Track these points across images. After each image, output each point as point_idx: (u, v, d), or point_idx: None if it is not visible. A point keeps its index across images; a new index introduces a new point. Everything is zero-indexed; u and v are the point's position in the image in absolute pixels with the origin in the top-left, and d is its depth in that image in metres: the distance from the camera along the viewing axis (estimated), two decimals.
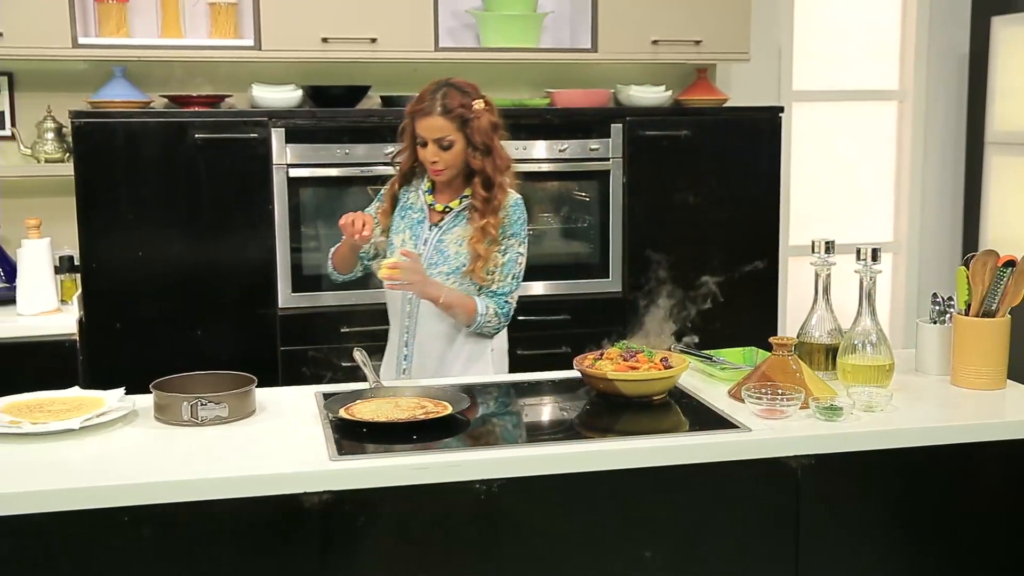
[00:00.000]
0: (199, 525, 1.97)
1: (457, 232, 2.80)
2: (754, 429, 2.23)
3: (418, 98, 2.77)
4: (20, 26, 3.49)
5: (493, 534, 2.10)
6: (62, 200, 3.62)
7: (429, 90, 2.77)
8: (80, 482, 1.94)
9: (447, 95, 2.74)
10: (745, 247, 4.01)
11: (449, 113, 2.72)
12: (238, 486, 1.97)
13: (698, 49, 4.08)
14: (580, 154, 3.86)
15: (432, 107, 2.72)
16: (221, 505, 1.96)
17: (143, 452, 2.12)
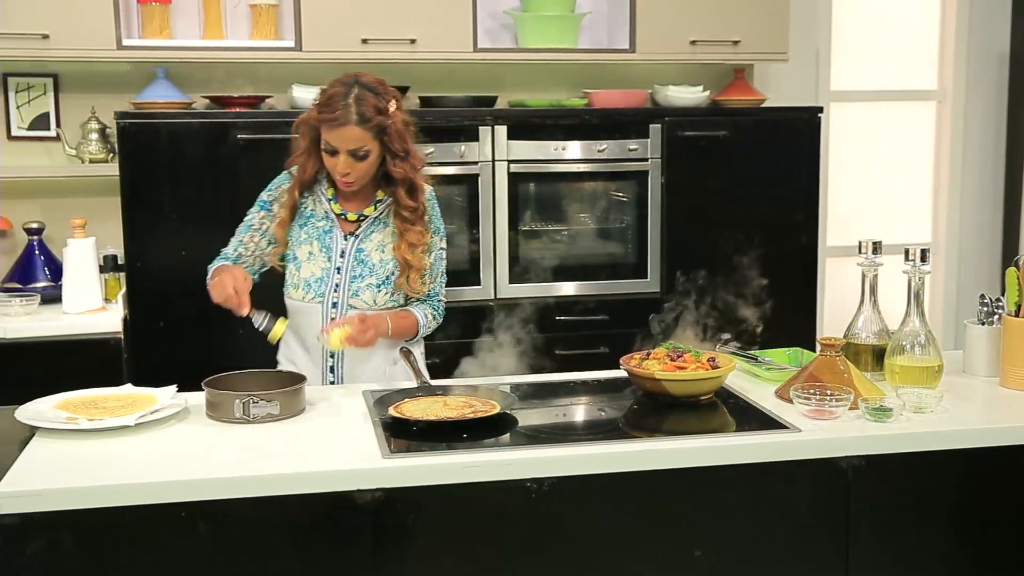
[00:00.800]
0: (254, 521, 1.99)
1: (376, 239, 2.67)
2: (804, 429, 2.23)
3: (325, 102, 2.52)
4: (65, 28, 3.53)
5: (543, 532, 2.11)
6: (106, 200, 3.66)
7: (337, 93, 2.52)
8: (138, 478, 1.96)
9: (361, 100, 2.50)
10: (784, 247, 4.00)
11: (367, 123, 2.50)
12: (293, 483, 1.99)
13: (736, 49, 4.08)
14: (618, 154, 3.87)
15: (347, 116, 2.49)
16: (276, 502, 1.98)
17: (197, 449, 2.14)
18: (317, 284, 2.64)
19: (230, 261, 2.70)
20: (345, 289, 2.64)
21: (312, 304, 2.65)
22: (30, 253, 3.74)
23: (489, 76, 4.13)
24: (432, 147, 3.69)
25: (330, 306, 2.64)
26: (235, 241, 2.73)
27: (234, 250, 2.72)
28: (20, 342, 3.35)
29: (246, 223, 2.73)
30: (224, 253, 2.74)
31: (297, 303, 2.68)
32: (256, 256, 2.72)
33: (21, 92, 3.83)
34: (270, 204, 2.71)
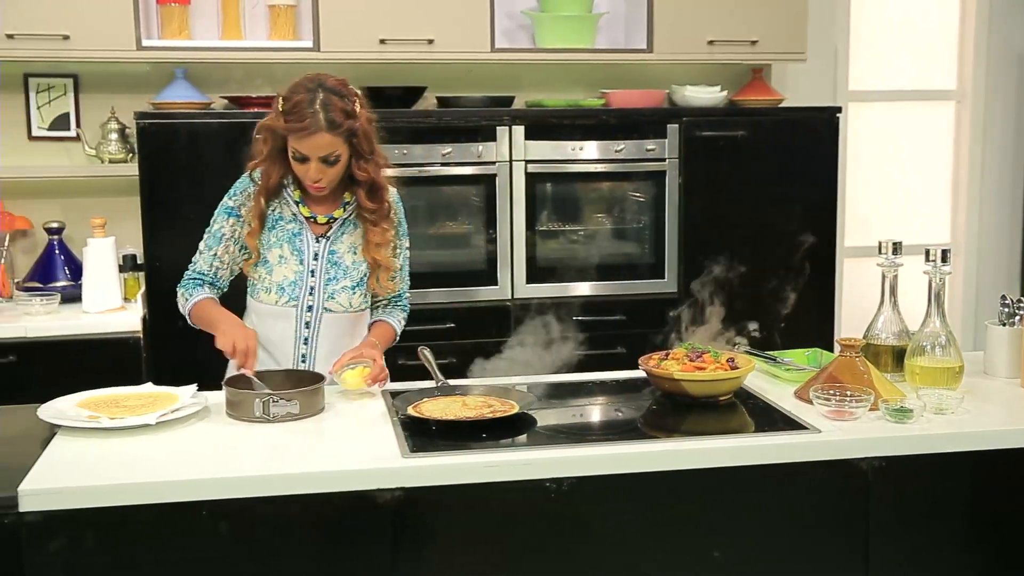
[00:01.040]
0: (274, 520, 1.99)
1: (347, 241, 2.62)
2: (823, 430, 2.22)
3: (291, 110, 2.43)
4: (86, 29, 3.55)
5: (562, 533, 2.11)
6: (126, 200, 3.68)
7: (303, 100, 2.43)
8: (160, 476, 1.98)
9: (328, 106, 2.43)
10: (802, 248, 3.98)
11: (337, 128, 2.43)
12: (313, 482, 1.99)
13: (754, 49, 4.07)
14: (636, 155, 3.86)
15: (316, 123, 2.41)
16: (296, 501, 1.98)
17: (218, 448, 2.15)
18: (291, 288, 2.59)
19: (207, 280, 2.62)
20: (320, 292, 2.60)
21: (286, 308, 2.59)
22: (50, 253, 3.76)
23: (506, 76, 4.14)
24: (450, 147, 3.70)
25: (305, 310, 2.60)
26: (207, 256, 2.62)
27: (209, 266, 2.62)
28: (41, 341, 3.38)
29: (215, 234, 2.61)
30: (197, 271, 2.63)
31: (269, 307, 2.60)
32: (230, 267, 2.64)
33: (42, 92, 3.85)
34: (237, 210, 2.60)
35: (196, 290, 2.62)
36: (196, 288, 2.62)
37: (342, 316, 2.63)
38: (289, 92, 2.49)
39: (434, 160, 3.70)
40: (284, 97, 2.48)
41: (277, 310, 2.60)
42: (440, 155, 3.70)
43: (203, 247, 2.64)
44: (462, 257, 3.84)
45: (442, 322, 3.74)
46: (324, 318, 2.61)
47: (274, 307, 2.60)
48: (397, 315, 2.76)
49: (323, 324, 2.62)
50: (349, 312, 2.64)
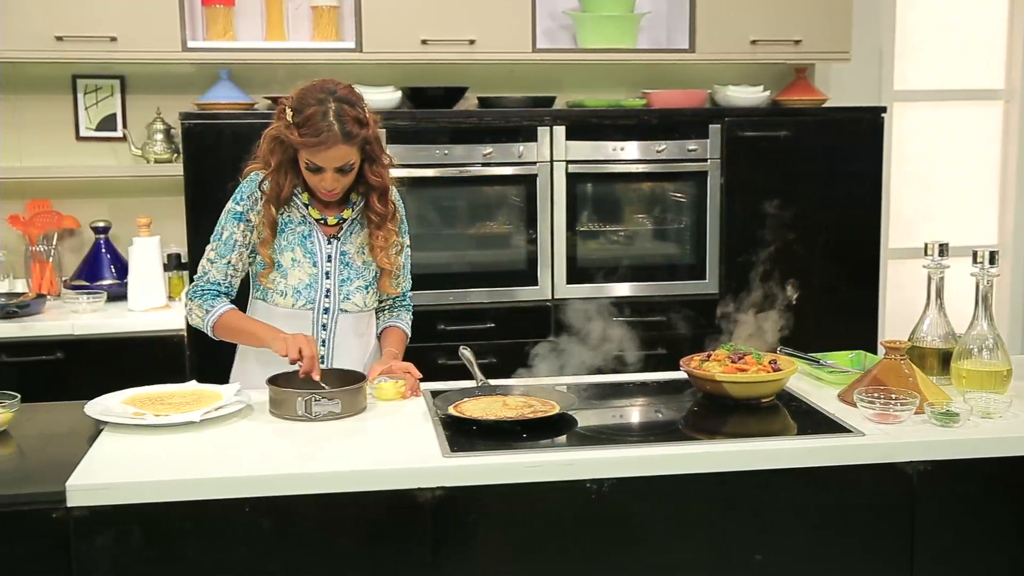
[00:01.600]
0: (316, 518, 2.01)
1: (356, 241, 2.61)
2: (867, 434, 2.20)
3: (304, 123, 2.40)
4: (132, 31, 3.60)
5: (603, 533, 2.10)
6: (171, 199, 3.72)
7: (316, 113, 2.40)
8: (204, 473, 2.00)
9: (342, 116, 2.40)
10: (845, 249, 3.96)
11: (353, 139, 2.42)
12: (355, 480, 2.00)
13: (797, 49, 4.03)
14: (677, 155, 3.84)
15: (332, 137, 2.39)
16: (338, 499, 2.00)
17: (261, 445, 2.17)
18: (307, 291, 2.57)
19: (222, 291, 2.57)
20: (336, 293, 2.59)
21: (303, 311, 2.57)
22: (97, 251, 3.82)
23: (547, 76, 4.14)
24: (490, 147, 3.71)
25: (321, 312, 2.59)
26: (221, 265, 2.56)
27: (224, 275, 2.57)
28: (87, 338, 3.43)
29: (226, 242, 2.56)
30: (211, 281, 2.57)
31: (285, 310, 2.57)
32: (241, 273, 2.61)
33: (89, 93, 3.91)
34: (246, 215, 2.55)
35: (215, 301, 2.56)
36: (215, 299, 2.57)
37: (356, 315, 2.63)
38: (298, 103, 2.44)
39: (475, 160, 3.71)
40: (294, 109, 2.43)
41: (294, 313, 2.57)
42: (481, 155, 3.71)
43: (214, 256, 2.57)
44: (502, 257, 3.84)
45: (482, 322, 3.74)
46: (340, 319, 2.61)
47: (290, 310, 2.57)
48: (404, 317, 2.76)
49: (339, 324, 2.61)
50: (363, 311, 2.65)
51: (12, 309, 3.43)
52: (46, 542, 1.91)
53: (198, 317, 2.58)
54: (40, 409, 2.42)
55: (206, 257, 2.60)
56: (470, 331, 3.68)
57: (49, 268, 3.81)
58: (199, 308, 2.58)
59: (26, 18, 3.53)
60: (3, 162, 3.86)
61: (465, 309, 3.75)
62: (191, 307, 2.60)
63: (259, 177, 2.57)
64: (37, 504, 1.91)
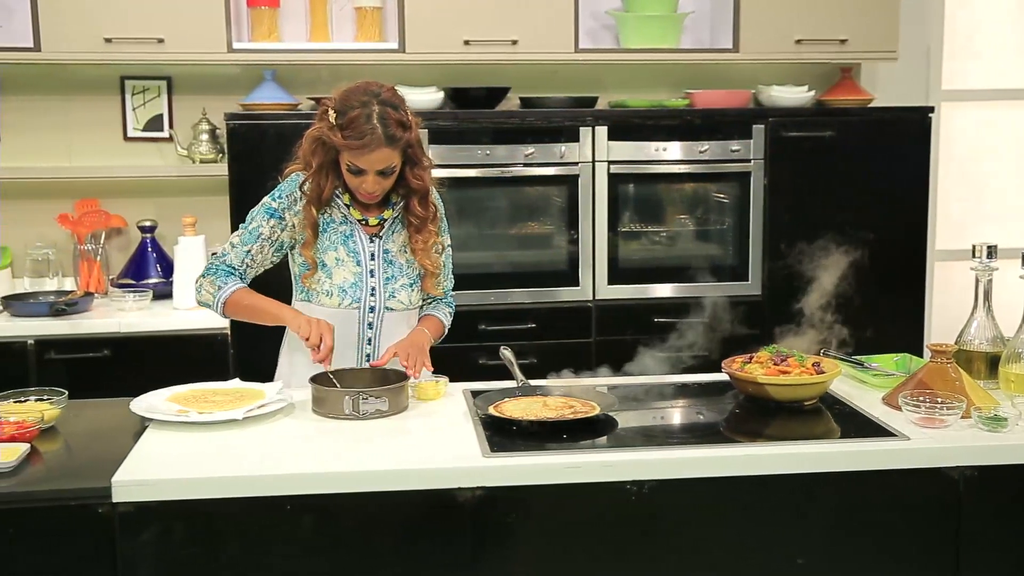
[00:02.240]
0: (357, 516, 2.02)
1: (398, 240, 2.61)
2: (912, 438, 2.17)
3: (348, 125, 2.40)
4: (179, 32, 3.64)
5: (642, 535, 2.10)
6: (215, 199, 3.76)
7: (359, 116, 2.39)
8: (246, 471, 2.02)
9: (385, 120, 2.40)
10: (891, 251, 3.91)
11: (396, 142, 2.42)
12: (396, 479, 2.01)
13: (843, 48, 3.99)
14: (720, 155, 3.82)
15: (376, 140, 2.39)
16: (378, 497, 2.01)
17: (303, 443, 2.19)
18: (352, 290, 2.57)
19: (236, 273, 2.57)
20: (381, 292, 2.58)
21: (349, 310, 2.57)
22: (143, 250, 3.87)
23: (590, 77, 4.13)
24: (532, 147, 3.70)
25: (367, 311, 2.58)
26: (240, 251, 2.57)
27: (240, 261, 2.57)
28: (133, 336, 3.48)
29: (252, 232, 2.56)
30: (226, 262, 2.58)
31: (331, 310, 2.55)
32: (258, 267, 2.61)
33: (137, 94, 3.96)
34: (280, 212, 2.56)
35: (228, 279, 2.56)
36: (228, 277, 2.56)
37: (402, 313, 2.63)
38: (341, 105, 2.43)
39: (517, 161, 3.71)
40: (337, 111, 2.43)
41: (340, 312, 2.56)
42: (523, 156, 3.71)
43: (236, 241, 2.58)
44: (544, 258, 3.84)
45: (523, 322, 3.75)
46: (386, 317, 2.60)
47: (336, 310, 2.56)
48: (443, 310, 2.75)
49: (385, 323, 2.60)
50: (409, 309, 2.64)
51: (61, 307, 3.49)
52: (92, 537, 1.94)
53: (208, 293, 2.56)
54: (87, 406, 2.46)
55: (229, 241, 2.62)
56: (511, 331, 3.69)
57: (97, 267, 3.87)
58: (211, 284, 2.56)
59: (75, 20, 3.59)
60: (53, 162, 3.92)
61: (506, 309, 3.75)
62: (201, 283, 2.58)
63: (299, 178, 2.58)
64: (83, 499, 1.94)
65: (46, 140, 3.93)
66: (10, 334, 3.43)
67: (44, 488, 1.98)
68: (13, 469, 2.01)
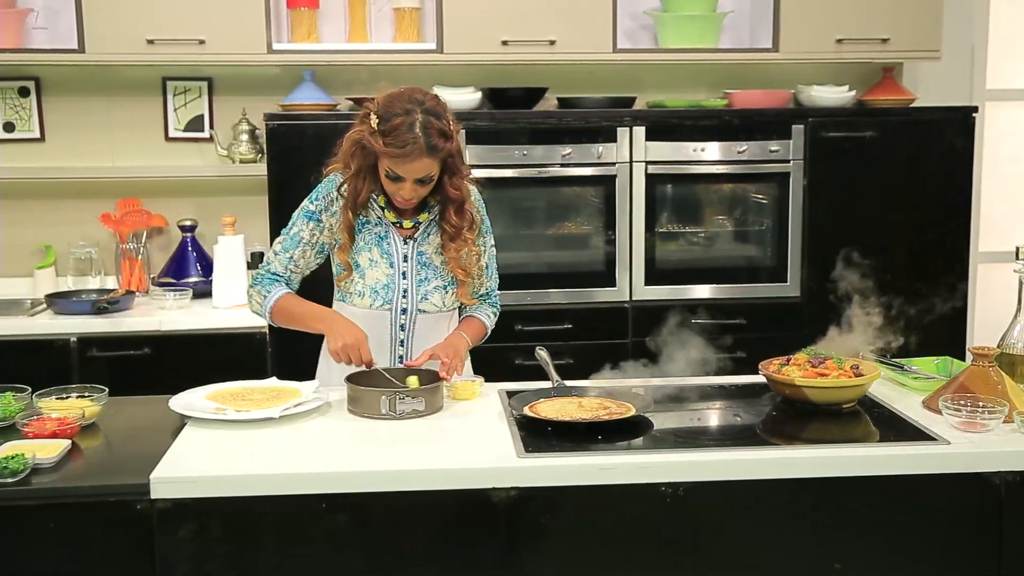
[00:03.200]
0: (391, 515, 2.03)
1: (433, 242, 2.60)
2: (953, 442, 2.14)
3: (391, 132, 2.38)
4: (220, 34, 3.68)
5: (676, 538, 2.09)
6: (254, 199, 3.79)
7: (402, 124, 2.38)
8: (282, 469, 2.03)
9: (428, 129, 2.38)
10: (933, 253, 3.86)
11: (437, 152, 2.41)
12: (430, 479, 2.02)
13: (885, 47, 3.95)
14: (759, 156, 3.79)
15: (417, 149, 2.38)
16: (412, 497, 2.02)
17: (339, 442, 2.20)
18: (384, 291, 2.57)
19: (282, 281, 2.59)
20: (413, 294, 2.58)
21: (381, 311, 2.57)
22: (183, 249, 3.91)
23: (628, 77, 4.11)
24: (569, 148, 3.70)
25: (399, 312, 2.58)
26: (283, 258, 2.59)
27: (284, 268, 2.59)
28: (173, 335, 3.52)
29: (292, 237, 2.58)
30: (271, 271, 2.60)
31: (364, 311, 2.57)
32: (303, 271, 2.62)
33: (179, 95, 4.01)
34: (318, 215, 2.57)
35: (274, 287, 2.58)
36: (273, 285, 2.58)
37: (436, 315, 2.63)
38: (384, 110, 2.42)
39: (554, 161, 3.71)
40: (380, 116, 2.42)
41: (372, 313, 2.57)
42: (560, 156, 3.70)
43: (279, 248, 2.60)
44: (581, 258, 3.83)
45: (560, 323, 3.74)
46: (419, 319, 2.60)
47: (368, 311, 2.57)
48: (486, 310, 2.74)
49: (418, 324, 2.61)
50: (443, 311, 2.64)
51: (103, 305, 3.53)
52: (130, 533, 1.96)
53: (257, 303, 2.60)
54: (127, 403, 2.49)
55: (272, 248, 2.64)
56: (548, 332, 3.69)
57: (138, 265, 3.92)
58: (258, 294, 2.59)
59: (119, 22, 3.64)
60: (96, 162, 3.98)
61: (543, 310, 3.75)
62: (251, 293, 2.61)
63: (337, 179, 2.59)
64: (122, 495, 1.96)
65: (89, 140, 3.98)
66: (53, 331, 3.49)
67: (84, 484, 2.01)
68: (54, 465, 2.04)
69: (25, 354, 3.44)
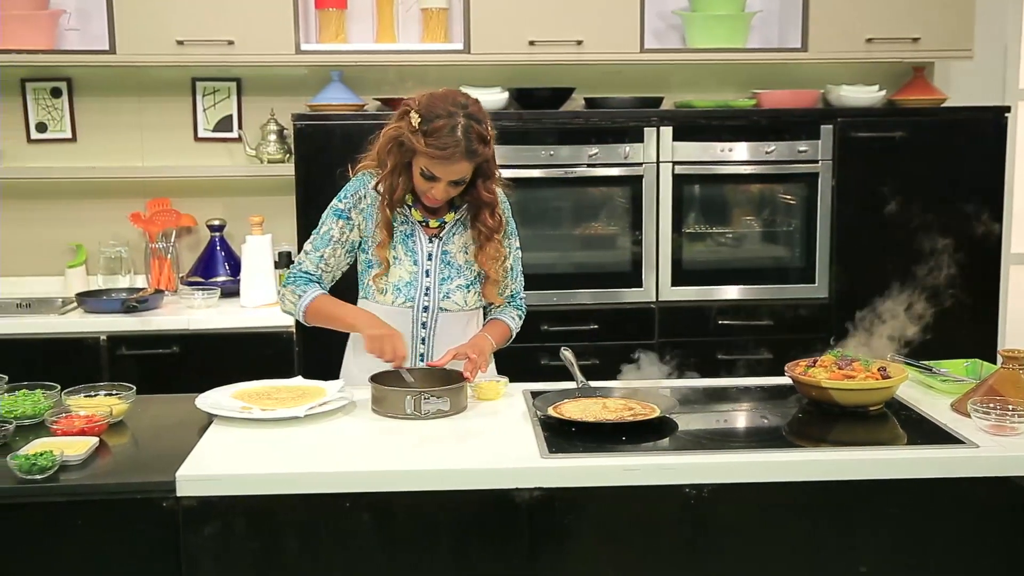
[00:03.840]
0: (415, 514, 2.03)
1: (458, 241, 2.61)
2: (981, 445, 2.12)
3: (432, 133, 2.39)
4: (249, 34, 3.70)
5: (701, 540, 2.08)
6: (282, 199, 3.81)
7: (445, 125, 2.39)
8: (307, 467, 2.04)
9: (469, 133, 2.40)
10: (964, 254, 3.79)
11: (476, 157, 2.43)
12: (454, 479, 2.02)
13: (916, 47, 3.91)
14: (787, 156, 3.77)
15: (458, 152, 2.40)
16: (437, 496, 2.02)
17: (363, 442, 2.21)
18: (407, 288, 2.58)
19: (315, 280, 2.60)
20: (435, 292, 2.59)
21: (403, 309, 2.58)
22: (212, 249, 3.94)
23: (656, 77, 4.10)
24: (596, 148, 3.69)
25: (421, 310, 2.59)
26: (314, 257, 2.60)
27: (315, 267, 2.60)
28: (201, 333, 3.55)
29: (323, 236, 2.59)
30: (303, 270, 2.61)
31: (386, 308, 2.58)
32: (334, 270, 2.63)
33: (208, 96, 4.03)
34: (347, 213, 2.58)
35: (309, 287, 2.59)
36: (308, 285, 2.59)
37: (458, 314, 2.63)
38: (426, 110, 2.43)
39: (581, 161, 3.70)
40: (422, 115, 2.42)
41: (394, 310, 2.58)
42: (587, 156, 3.70)
43: (310, 248, 2.61)
44: (607, 259, 3.83)
45: (586, 323, 3.74)
46: (440, 317, 2.61)
47: (390, 307, 2.58)
48: (511, 313, 2.74)
49: (439, 323, 2.61)
50: (465, 310, 2.64)
51: (132, 304, 3.56)
52: (156, 530, 1.98)
53: (291, 303, 2.60)
54: (154, 401, 2.51)
55: (304, 248, 2.65)
56: (573, 332, 3.68)
57: (167, 264, 3.95)
58: (291, 294, 2.60)
59: (149, 23, 3.67)
60: (126, 162, 4.02)
61: (569, 310, 3.75)
62: (284, 293, 2.62)
63: (366, 178, 2.60)
64: (148, 493, 1.98)
65: (120, 140, 4.02)
66: (84, 330, 3.53)
67: (111, 481, 2.03)
68: (82, 462, 2.06)
69: (56, 352, 3.48)
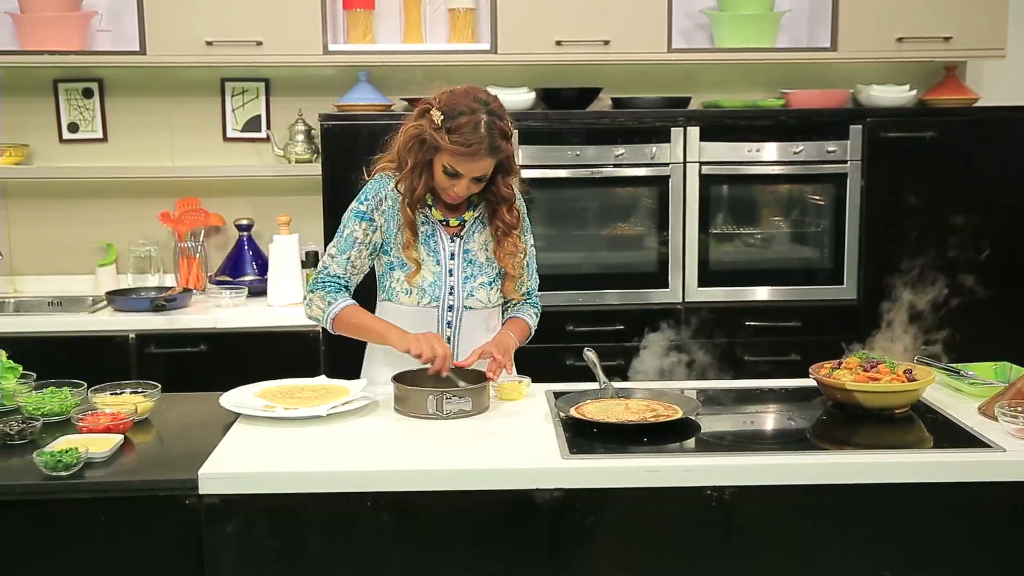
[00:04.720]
0: (436, 514, 2.04)
1: (478, 239, 2.62)
2: (1009, 449, 2.10)
3: (456, 130, 2.40)
4: (277, 35, 3.72)
5: (723, 542, 2.07)
6: (309, 198, 3.83)
7: (468, 123, 2.40)
8: (329, 466, 2.05)
9: (492, 130, 2.41)
10: (994, 256, 3.77)
11: (499, 153, 2.45)
12: (475, 479, 2.03)
13: (947, 46, 3.87)
14: (816, 156, 3.74)
15: (482, 149, 2.41)
16: (458, 496, 2.02)
17: (385, 441, 2.22)
18: (431, 288, 2.57)
19: (343, 284, 2.59)
20: (460, 291, 2.59)
21: (428, 309, 2.58)
22: (240, 248, 3.97)
23: (683, 77, 4.08)
24: (623, 148, 3.68)
25: (446, 309, 2.59)
26: (341, 260, 2.58)
27: (343, 270, 2.58)
28: (229, 332, 3.58)
29: (347, 239, 2.58)
30: (331, 275, 2.59)
31: (411, 308, 2.58)
32: (360, 272, 2.62)
33: (236, 96, 4.06)
34: (370, 214, 2.57)
35: (338, 295, 2.58)
36: (337, 293, 2.58)
37: (481, 312, 2.63)
38: (448, 107, 2.43)
39: (607, 161, 3.69)
40: (444, 113, 2.42)
41: (419, 311, 2.58)
42: (613, 156, 3.69)
43: (335, 251, 2.59)
44: (633, 259, 3.81)
45: (611, 324, 3.73)
46: (465, 316, 2.61)
47: (416, 308, 2.57)
48: (528, 311, 2.75)
49: (464, 321, 2.61)
50: (488, 307, 2.64)
51: (161, 303, 3.59)
52: (179, 527, 2.00)
53: (319, 308, 2.58)
54: (179, 399, 2.53)
55: (327, 252, 2.64)
56: (599, 332, 3.68)
57: (196, 263, 3.99)
58: (321, 300, 2.58)
59: (179, 24, 3.70)
60: (156, 162, 4.06)
61: (595, 311, 3.74)
62: (311, 298, 2.60)
63: (384, 179, 2.60)
64: (172, 490, 2.00)
65: (150, 141, 4.06)
66: (113, 328, 3.56)
67: (135, 479, 2.04)
68: (107, 459, 2.08)
69: (86, 350, 3.51)
